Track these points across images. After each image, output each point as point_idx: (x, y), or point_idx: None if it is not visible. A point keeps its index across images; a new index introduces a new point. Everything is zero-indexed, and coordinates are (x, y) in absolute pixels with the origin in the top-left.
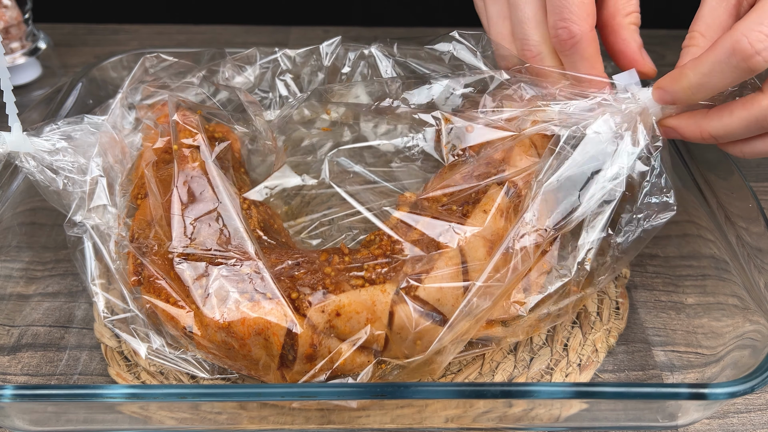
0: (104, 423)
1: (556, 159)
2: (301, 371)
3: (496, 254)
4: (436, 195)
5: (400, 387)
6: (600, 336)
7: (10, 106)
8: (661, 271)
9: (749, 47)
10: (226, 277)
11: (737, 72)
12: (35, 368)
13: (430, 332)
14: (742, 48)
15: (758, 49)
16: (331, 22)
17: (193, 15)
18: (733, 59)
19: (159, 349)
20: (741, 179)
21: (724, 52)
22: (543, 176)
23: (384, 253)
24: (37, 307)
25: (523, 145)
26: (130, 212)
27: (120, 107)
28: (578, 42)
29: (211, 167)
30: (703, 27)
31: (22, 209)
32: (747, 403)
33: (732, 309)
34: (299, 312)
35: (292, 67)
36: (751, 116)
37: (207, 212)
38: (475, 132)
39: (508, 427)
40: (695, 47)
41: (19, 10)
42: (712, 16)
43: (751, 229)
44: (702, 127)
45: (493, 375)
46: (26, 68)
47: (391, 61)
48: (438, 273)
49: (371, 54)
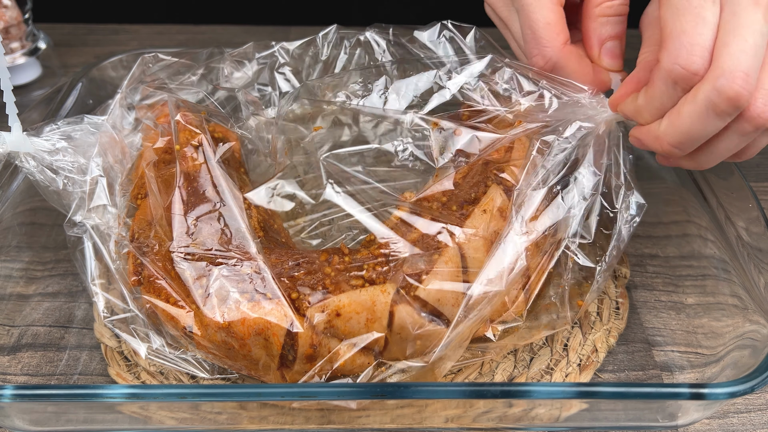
0: (104, 423)
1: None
2: (301, 371)
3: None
4: (435, 195)
5: (400, 387)
6: (600, 336)
7: (10, 106)
8: (661, 271)
9: (684, 71)
10: (227, 277)
11: (683, 92)
12: (35, 368)
13: (430, 332)
14: (680, 75)
15: (694, 69)
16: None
17: (193, 15)
18: (676, 85)
19: (159, 349)
20: (741, 179)
21: (663, 82)
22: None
23: (384, 254)
24: (37, 307)
25: (523, 145)
26: (130, 212)
27: (120, 107)
28: (555, 63)
29: (214, 167)
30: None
31: (22, 209)
32: (747, 403)
33: (732, 309)
34: (299, 312)
35: (290, 60)
36: (700, 106)
37: (209, 212)
38: (463, 135)
39: (508, 427)
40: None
41: (19, 10)
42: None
43: (751, 229)
44: (659, 138)
45: (493, 375)
46: (26, 68)
47: (385, 42)
48: (438, 273)
49: (366, 39)
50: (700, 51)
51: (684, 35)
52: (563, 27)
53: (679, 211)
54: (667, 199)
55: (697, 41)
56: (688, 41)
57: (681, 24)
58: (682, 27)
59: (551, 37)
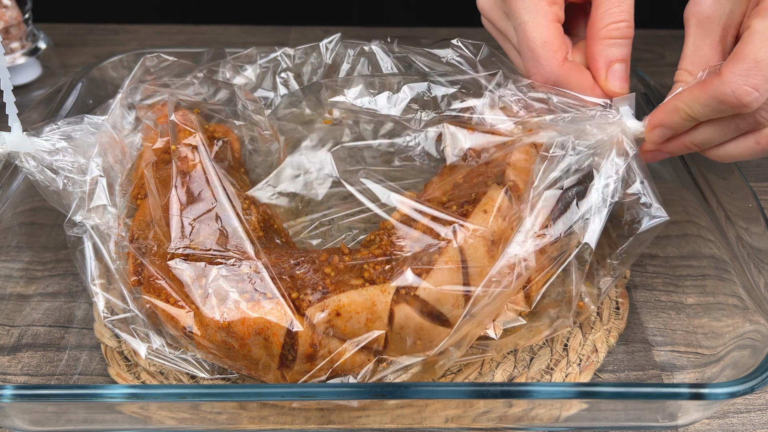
0: (104, 423)
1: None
2: (301, 371)
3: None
4: (436, 195)
5: (400, 387)
6: (600, 336)
7: (10, 106)
8: (661, 271)
9: (736, 101)
10: (226, 277)
11: (727, 113)
12: (35, 368)
13: (430, 332)
14: (730, 102)
15: (746, 102)
16: (331, 22)
17: (193, 15)
18: (722, 107)
19: (159, 349)
20: (741, 179)
21: (713, 101)
22: (537, 182)
23: (384, 253)
24: (37, 307)
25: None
26: (130, 212)
27: (120, 107)
28: (555, 79)
29: (209, 167)
30: (689, 65)
31: (22, 209)
32: (747, 403)
33: (732, 309)
34: (299, 312)
35: (293, 66)
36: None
37: (205, 212)
38: (476, 134)
39: (508, 427)
40: (683, 83)
41: (19, 10)
42: (697, 55)
43: (751, 229)
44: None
45: (493, 375)
46: (26, 68)
47: (391, 57)
48: (438, 273)
49: (371, 51)
50: (763, 88)
51: (756, 67)
52: (560, 43)
53: (679, 211)
54: (667, 199)
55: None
56: (757, 72)
57: (761, 51)
58: (758, 55)
59: (549, 56)
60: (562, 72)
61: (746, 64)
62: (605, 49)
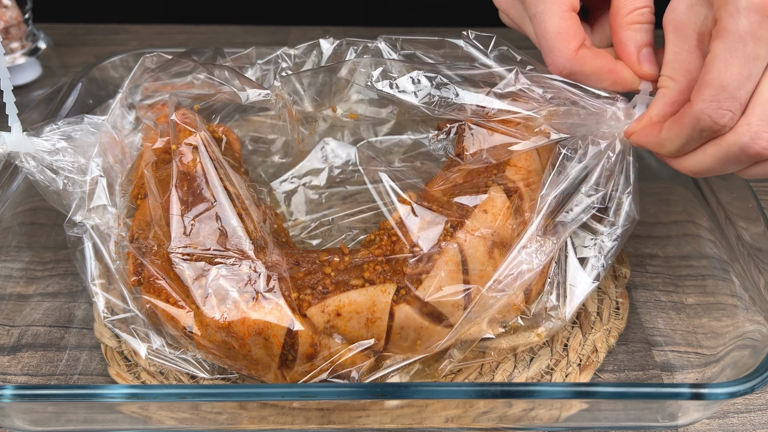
0: (104, 423)
1: (557, 174)
2: (301, 371)
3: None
4: (436, 195)
5: (400, 387)
6: (600, 336)
7: (10, 106)
8: (661, 271)
9: (714, 124)
10: (226, 276)
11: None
12: (35, 368)
13: (430, 332)
14: (708, 126)
15: (723, 123)
16: (331, 22)
17: (193, 15)
18: (702, 132)
19: (159, 349)
20: (741, 179)
21: (690, 126)
22: (546, 190)
23: (384, 253)
24: (37, 307)
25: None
26: (130, 212)
27: (120, 107)
28: (570, 70)
29: (208, 166)
30: (670, 71)
31: (22, 209)
32: (747, 403)
33: (732, 309)
34: (299, 312)
35: (293, 65)
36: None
37: (205, 211)
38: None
39: (508, 427)
40: (665, 89)
41: (19, 10)
42: (677, 60)
43: (751, 229)
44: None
45: (493, 375)
46: (26, 68)
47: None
48: (438, 273)
49: (376, 48)
50: (735, 108)
51: (724, 91)
52: (575, 32)
53: (679, 211)
54: (667, 199)
55: (736, 96)
56: (726, 96)
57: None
58: (723, 80)
59: (563, 46)
60: (577, 61)
61: (714, 90)
62: (633, 34)
